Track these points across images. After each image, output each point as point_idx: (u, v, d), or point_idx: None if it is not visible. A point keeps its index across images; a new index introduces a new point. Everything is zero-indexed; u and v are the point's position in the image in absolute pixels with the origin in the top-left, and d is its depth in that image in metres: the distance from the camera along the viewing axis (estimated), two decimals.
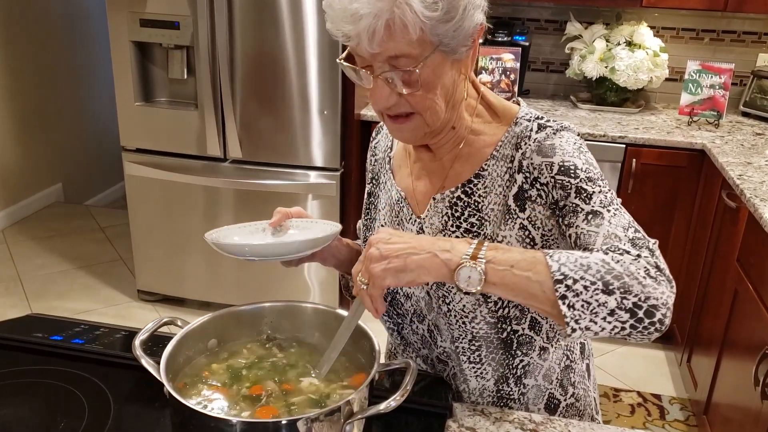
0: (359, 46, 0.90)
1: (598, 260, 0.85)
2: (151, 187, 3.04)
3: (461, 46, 0.94)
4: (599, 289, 0.83)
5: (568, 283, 0.83)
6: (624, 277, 0.84)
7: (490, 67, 3.00)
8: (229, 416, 0.83)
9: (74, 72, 4.39)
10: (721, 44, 3.20)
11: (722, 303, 2.26)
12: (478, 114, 1.08)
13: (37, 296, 3.32)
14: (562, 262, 0.85)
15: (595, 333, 0.85)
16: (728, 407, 2.16)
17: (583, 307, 0.83)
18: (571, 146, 1.01)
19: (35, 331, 1.23)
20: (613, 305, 0.83)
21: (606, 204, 0.96)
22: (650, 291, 0.84)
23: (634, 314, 0.84)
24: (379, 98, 0.96)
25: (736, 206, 2.22)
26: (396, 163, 1.17)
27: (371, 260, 0.88)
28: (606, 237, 0.92)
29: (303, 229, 1.13)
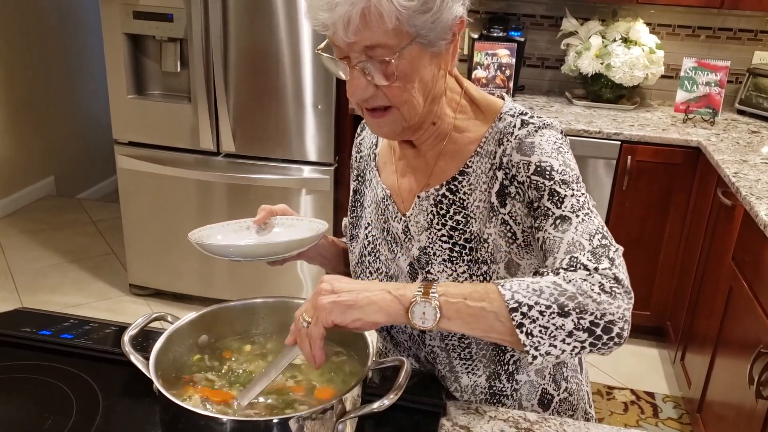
0: (335, 35, 0.89)
1: (550, 283, 0.85)
2: (144, 180, 3.01)
3: (440, 39, 0.93)
4: (555, 313, 0.83)
5: (523, 311, 0.83)
6: (578, 297, 0.84)
7: (485, 63, 2.99)
8: (219, 414, 0.82)
9: (67, 65, 4.35)
10: (717, 41, 3.20)
11: (717, 301, 2.26)
12: (461, 110, 1.06)
13: (28, 290, 3.30)
14: (514, 290, 0.84)
15: (556, 357, 0.85)
16: (722, 405, 2.16)
17: (541, 332, 0.83)
18: (551, 146, 0.99)
19: (24, 326, 1.21)
20: (570, 327, 0.83)
21: (576, 209, 0.95)
22: (605, 307, 0.84)
23: (592, 332, 0.84)
24: (356, 89, 0.94)
25: (732, 204, 2.22)
26: (381, 160, 1.16)
27: (319, 293, 0.85)
28: (569, 245, 0.91)
29: (288, 227, 1.11)
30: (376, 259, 1.13)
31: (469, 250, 1.03)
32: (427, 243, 1.06)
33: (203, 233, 1.08)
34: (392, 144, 1.14)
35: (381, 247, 1.13)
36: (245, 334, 1.03)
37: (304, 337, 0.85)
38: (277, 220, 1.13)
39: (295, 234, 1.09)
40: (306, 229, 1.11)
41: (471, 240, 1.03)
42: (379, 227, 1.13)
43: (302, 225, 1.12)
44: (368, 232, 1.15)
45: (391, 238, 1.11)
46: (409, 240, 1.08)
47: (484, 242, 1.02)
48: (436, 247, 1.05)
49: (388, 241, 1.12)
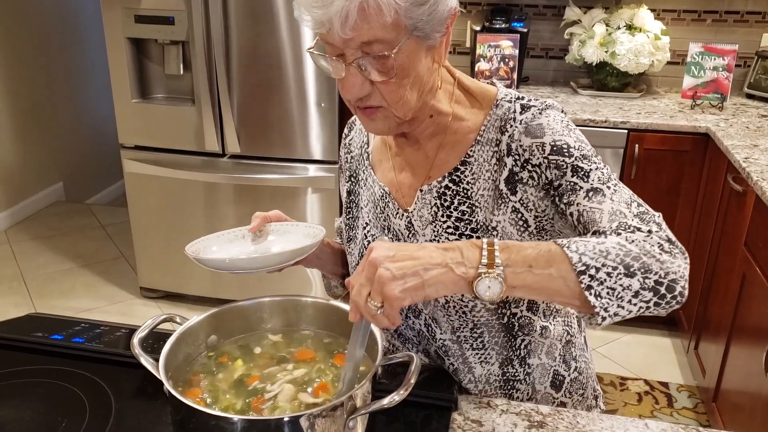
0: (331, 32, 0.87)
1: (615, 244, 0.84)
2: (151, 184, 3.02)
3: (435, 32, 0.92)
4: (621, 273, 0.83)
5: (591, 273, 0.82)
6: (642, 257, 0.84)
7: (488, 55, 2.97)
8: (229, 414, 0.82)
9: (70, 70, 4.37)
10: (723, 25, 3.16)
11: (730, 288, 2.24)
12: (457, 100, 1.06)
13: (40, 295, 3.32)
14: (581, 252, 0.83)
15: (623, 317, 0.85)
16: (738, 394, 2.14)
17: (608, 294, 0.83)
18: (559, 124, 0.99)
19: (35, 331, 1.22)
20: (637, 287, 0.83)
21: (604, 180, 0.95)
22: (668, 266, 0.84)
23: (657, 292, 0.84)
24: (351, 87, 0.92)
25: (743, 190, 2.19)
26: (375, 158, 1.15)
27: (384, 282, 0.81)
28: (611, 214, 0.91)
29: (283, 234, 1.11)
30: None
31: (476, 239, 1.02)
32: (433, 236, 1.06)
33: (200, 245, 1.07)
34: (387, 140, 1.13)
35: None
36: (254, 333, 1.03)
37: (382, 318, 0.82)
38: (272, 227, 1.12)
39: (291, 242, 1.08)
40: (302, 235, 1.10)
41: (477, 229, 1.02)
42: (379, 226, 1.12)
43: (297, 231, 1.11)
44: (367, 231, 1.14)
45: (393, 235, 1.10)
46: (413, 235, 1.08)
47: (493, 230, 1.01)
48: (442, 240, 1.05)
49: (389, 239, 1.11)
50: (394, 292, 0.80)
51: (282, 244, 1.10)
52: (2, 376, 1.10)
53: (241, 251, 1.09)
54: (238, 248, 1.10)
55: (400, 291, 0.80)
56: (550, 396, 1.13)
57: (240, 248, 1.10)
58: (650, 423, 0.99)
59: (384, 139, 1.13)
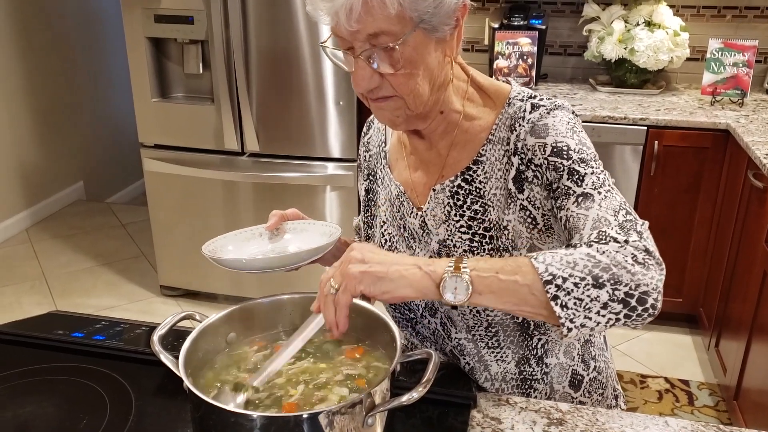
0: (338, 25, 0.89)
1: (584, 255, 0.84)
2: (170, 182, 3.05)
3: (443, 25, 0.92)
4: (589, 284, 0.82)
5: (557, 283, 0.81)
6: (612, 268, 0.82)
7: (506, 52, 2.96)
8: (248, 411, 0.82)
9: (90, 70, 4.42)
10: (743, 21, 3.12)
11: (750, 285, 2.21)
12: (469, 98, 1.05)
13: (61, 293, 3.36)
14: (548, 262, 0.83)
15: (591, 329, 0.84)
16: (760, 392, 2.11)
17: (575, 304, 0.82)
18: (564, 126, 0.99)
19: (56, 328, 1.23)
20: (606, 298, 0.82)
21: (597, 186, 0.94)
22: (639, 278, 0.83)
23: (626, 304, 0.82)
24: (361, 80, 0.94)
25: (763, 186, 2.17)
26: (392, 157, 1.15)
27: (349, 261, 0.84)
28: (595, 221, 0.90)
29: (300, 232, 1.11)
30: None
31: (489, 238, 1.02)
32: (446, 235, 1.06)
33: (216, 245, 1.08)
34: (403, 139, 1.13)
35: (398, 244, 1.12)
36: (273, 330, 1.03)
37: (330, 303, 0.84)
38: (288, 226, 1.13)
39: (307, 241, 1.08)
40: (318, 234, 1.10)
41: (490, 228, 1.02)
42: (395, 224, 1.12)
43: (314, 229, 1.11)
44: (384, 230, 1.14)
45: (408, 234, 1.10)
46: (427, 234, 1.08)
47: (504, 229, 1.01)
48: (455, 239, 1.05)
49: (405, 238, 1.11)
50: (352, 270, 0.82)
51: (298, 243, 1.10)
52: (24, 373, 1.12)
53: (258, 250, 1.10)
54: (255, 247, 1.10)
55: (359, 272, 0.82)
56: (568, 396, 1.13)
57: (257, 247, 1.11)
58: (670, 421, 0.98)
59: (400, 137, 1.14)
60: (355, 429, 0.81)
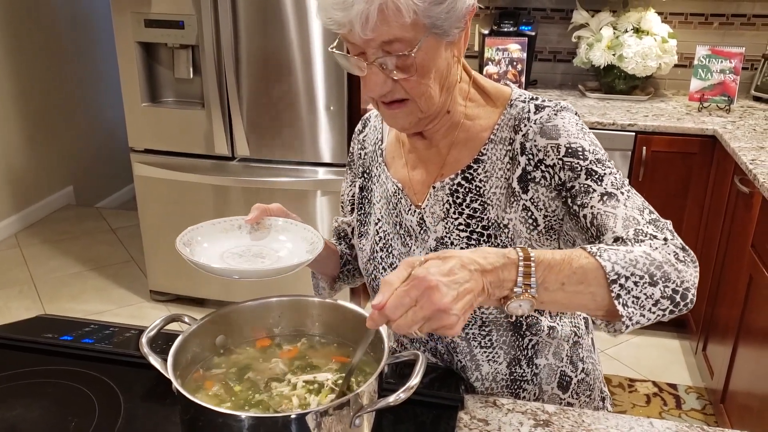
0: (351, 33, 0.89)
1: (642, 253, 0.86)
2: (161, 187, 3.04)
3: (454, 28, 0.94)
4: (647, 282, 0.84)
5: (621, 282, 0.84)
6: (664, 266, 0.85)
7: (496, 58, 2.98)
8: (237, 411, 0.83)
9: (81, 74, 4.41)
10: (730, 28, 3.16)
11: (737, 290, 2.23)
12: (471, 98, 1.07)
13: (50, 299, 3.34)
14: (613, 260, 0.84)
15: (641, 324, 0.86)
16: (746, 395, 2.13)
17: (634, 303, 0.84)
18: (575, 127, 1.01)
19: (45, 332, 1.23)
20: (658, 295, 0.85)
21: (618, 185, 0.97)
22: (683, 275, 0.86)
23: (673, 300, 0.86)
24: (374, 86, 0.95)
25: (749, 191, 2.19)
26: (389, 154, 1.16)
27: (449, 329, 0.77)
28: (625, 219, 0.92)
29: (282, 232, 1.10)
30: (389, 254, 1.13)
31: (487, 237, 1.04)
32: (444, 233, 1.07)
33: (192, 235, 1.06)
34: (400, 137, 1.14)
35: (393, 241, 1.13)
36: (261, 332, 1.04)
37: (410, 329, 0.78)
38: (270, 222, 1.11)
39: (287, 244, 1.07)
40: (300, 239, 1.08)
41: (489, 227, 1.03)
42: (391, 222, 1.13)
43: (296, 231, 1.10)
44: (379, 227, 1.15)
45: (405, 231, 1.11)
46: (424, 232, 1.09)
47: (504, 228, 1.03)
48: (453, 237, 1.06)
49: (401, 235, 1.12)
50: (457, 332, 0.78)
51: (277, 245, 1.08)
52: (13, 376, 1.12)
53: (235, 244, 1.08)
54: (233, 241, 1.08)
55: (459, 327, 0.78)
56: (557, 397, 1.14)
57: (234, 241, 1.08)
58: (655, 422, 0.99)
59: (398, 135, 1.15)
60: (342, 429, 0.81)
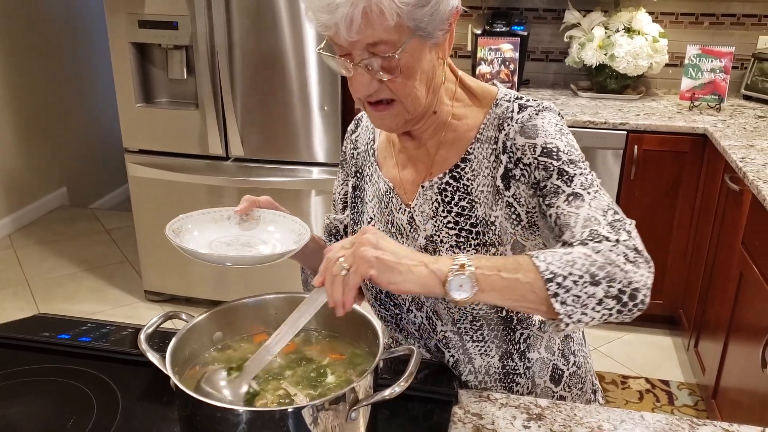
0: (337, 35, 0.91)
1: (581, 254, 0.87)
2: (155, 187, 3.05)
3: (438, 30, 0.96)
4: (587, 282, 0.85)
5: (558, 281, 0.85)
6: (607, 267, 0.86)
7: (489, 58, 3.00)
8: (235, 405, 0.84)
9: (75, 76, 4.40)
10: (720, 28, 3.19)
11: (728, 287, 2.26)
12: (457, 98, 1.09)
13: (45, 299, 3.34)
14: (548, 261, 0.86)
15: (586, 323, 0.88)
16: (736, 391, 2.16)
17: (573, 301, 0.85)
18: (553, 128, 1.02)
19: (42, 331, 1.24)
20: (601, 295, 0.86)
21: (586, 186, 0.98)
22: (631, 276, 0.87)
23: (619, 300, 0.87)
24: (360, 86, 0.97)
25: (740, 189, 2.21)
26: (381, 154, 1.18)
27: (362, 243, 0.84)
28: (586, 220, 0.94)
29: (270, 223, 1.12)
30: None
31: (475, 234, 1.06)
32: (434, 231, 1.09)
33: (181, 223, 1.07)
34: (391, 138, 1.16)
35: None
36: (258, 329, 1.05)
37: (339, 283, 0.83)
38: (259, 213, 1.13)
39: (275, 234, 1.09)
40: (288, 230, 1.10)
41: (477, 224, 1.05)
42: (383, 220, 1.15)
43: (284, 223, 1.11)
44: (371, 226, 1.16)
45: (396, 230, 1.13)
46: (414, 230, 1.11)
47: (491, 225, 1.05)
48: (442, 235, 1.08)
49: (393, 234, 1.14)
50: (368, 254, 0.83)
51: (265, 236, 1.10)
52: (11, 374, 1.12)
53: (223, 234, 1.10)
54: (221, 231, 1.10)
55: (374, 257, 0.83)
56: (549, 390, 1.15)
57: (223, 231, 1.10)
58: (646, 415, 1.01)
59: (388, 136, 1.17)
60: (338, 423, 0.82)
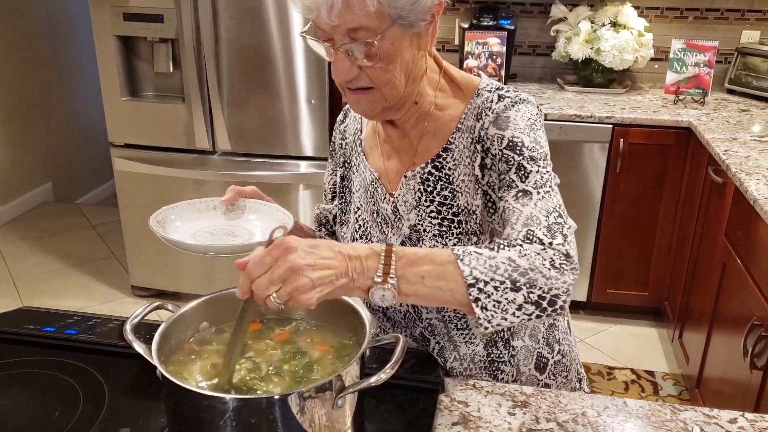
0: (319, 18, 0.92)
1: (505, 259, 0.88)
2: (141, 182, 3.03)
3: (420, 21, 0.96)
4: (508, 288, 0.87)
5: (479, 286, 0.87)
6: (529, 273, 0.88)
7: (476, 52, 3.01)
8: (222, 393, 0.84)
9: (59, 69, 4.37)
10: (705, 22, 3.22)
11: (711, 278, 2.28)
12: (441, 89, 1.10)
13: (30, 296, 3.32)
14: (473, 265, 0.87)
15: (504, 327, 0.91)
16: (719, 380, 2.18)
17: (494, 306, 0.87)
18: (525, 122, 1.03)
19: (27, 323, 1.23)
20: (521, 300, 0.88)
21: (539, 185, 0.99)
22: (553, 282, 0.89)
23: (539, 305, 0.89)
24: (340, 71, 0.97)
25: (723, 181, 2.24)
26: (367, 145, 1.19)
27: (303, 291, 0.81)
28: (527, 218, 0.95)
29: (255, 212, 1.13)
30: (368, 241, 1.16)
31: (457, 223, 1.07)
32: (417, 220, 1.09)
33: (165, 214, 1.08)
34: (377, 128, 1.17)
35: (372, 229, 1.16)
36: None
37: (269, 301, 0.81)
38: (244, 203, 1.14)
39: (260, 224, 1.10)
40: (272, 219, 1.11)
41: (459, 213, 1.06)
42: (369, 210, 1.16)
43: (269, 212, 1.12)
44: (358, 216, 1.18)
45: (382, 219, 1.14)
46: (398, 219, 1.12)
47: (473, 214, 1.06)
48: (425, 224, 1.08)
49: (378, 223, 1.15)
50: (310, 300, 0.82)
51: (249, 226, 1.11)
52: None
53: (207, 224, 1.10)
54: (206, 221, 1.11)
55: (316, 299, 0.83)
56: (534, 378, 1.16)
57: (208, 221, 1.11)
58: (629, 401, 1.02)
59: (374, 126, 1.17)
60: (325, 411, 0.83)
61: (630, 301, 2.98)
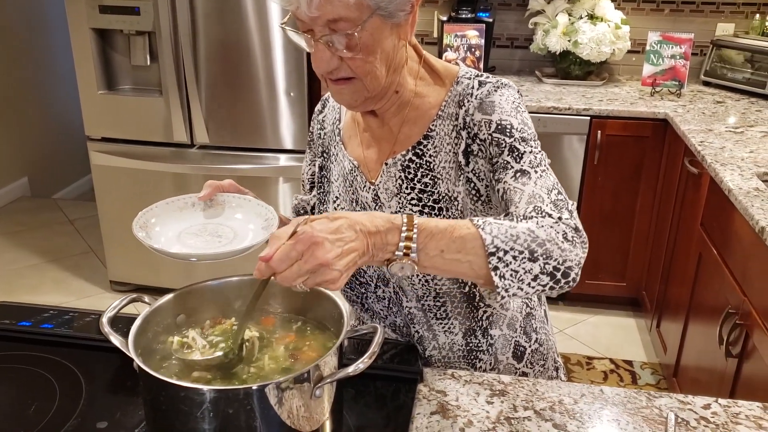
0: (299, 10, 0.92)
1: (525, 229, 0.89)
2: (119, 176, 3.00)
3: (399, 11, 0.97)
4: (526, 258, 0.88)
5: (499, 255, 0.87)
6: (546, 244, 0.89)
7: (455, 45, 3.01)
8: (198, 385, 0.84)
9: (34, 63, 4.30)
10: (680, 15, 3.25)
11: (688, 268, 2.31)
12: (421, 77, 1.10)
13: (7, 292, 3.28)
14: (494, 234, 0.88)
15: (520, 297, 0.91)
16: (696, 369, 2.22)
17: (512, 276, 0.88)
18: (510, 105, 1.04)
19: (3, 318, 1.22)
20: (537, 271, 0.89)
21: (535, 165, 1.01)
22: (567, 254, 0.90)
23: (553, 277, 0.90)
24: (320, 62, 0.97)
25: (698, 172, 2.27)
26: (346, 134, 1.19)
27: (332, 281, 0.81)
28: (530, 197, 0.97)
29: (235, 208, 1.12)
30: None
31: (438, 210, 1.07)
32: (398, 208, 1.10)
33: (146, 218, 1.07)
34: (356, 117, 1.17)
35: None
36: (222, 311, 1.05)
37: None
38: (223, 198, 1.13)
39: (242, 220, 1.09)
40: (254, 214, 1.11)
41: (440, 200, 1.07)
42: (348, 199, 1.16)
43: (250, 208, 1.12)
44: (337, 205, 1.18)
45: (361, 208, 1.14)
46: (379, 207, 1.12)
47: (454, 201, 1.06)
48: (406, 211, 1.09)
49: (357, 212, 1.14)
50: (339, 287, 0.83)
51: (232, 223, 1.10)
52: None
53: (190, 224, 1.10)
54: (187, 221, 1.10)
55: (342, 284, 0.83)
56: (512, 366, 1.18)
57: (189, 221, 1.10)
58: (606, 389, 1.04)
59: (353, 115, 1.17)
60: (303, 402, 0.83)
61: (608, 292, 3.02)
